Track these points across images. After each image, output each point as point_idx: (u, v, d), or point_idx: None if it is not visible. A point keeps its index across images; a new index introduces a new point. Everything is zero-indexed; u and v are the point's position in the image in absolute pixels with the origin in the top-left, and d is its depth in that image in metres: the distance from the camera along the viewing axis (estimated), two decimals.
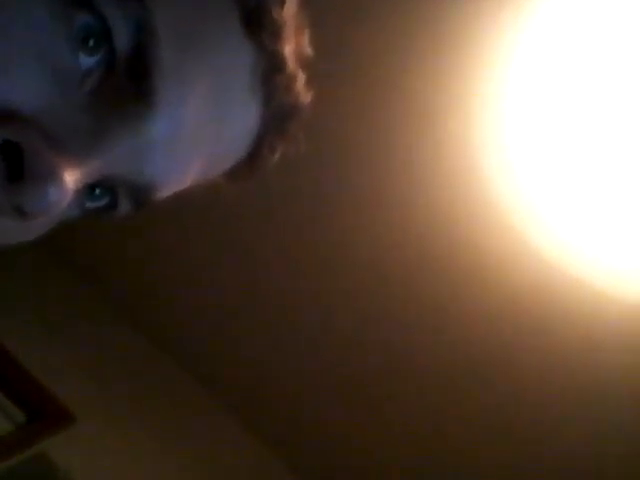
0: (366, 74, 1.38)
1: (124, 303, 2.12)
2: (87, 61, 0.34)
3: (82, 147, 0.34)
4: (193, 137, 0.38)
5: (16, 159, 0.32)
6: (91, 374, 1.96)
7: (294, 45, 0.43)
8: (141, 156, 0.36)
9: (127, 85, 0.35)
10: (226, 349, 2.05)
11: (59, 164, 0.32)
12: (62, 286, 2.05)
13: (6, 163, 0.32)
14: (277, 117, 0.44)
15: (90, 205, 0.40)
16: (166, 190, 0.40)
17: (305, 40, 0.45)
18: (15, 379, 1.85)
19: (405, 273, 1.63)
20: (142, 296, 2.10)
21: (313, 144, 0.47)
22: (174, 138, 0.37)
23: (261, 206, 1.70)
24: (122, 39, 0.35)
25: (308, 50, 0.45)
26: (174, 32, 0.36)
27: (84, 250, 2.06)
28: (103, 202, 0.40)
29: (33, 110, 0.33)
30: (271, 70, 0.41)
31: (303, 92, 0.45)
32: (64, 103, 0.34)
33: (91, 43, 0.34)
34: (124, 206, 0.40)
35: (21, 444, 1.78)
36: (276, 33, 0.41)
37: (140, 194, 0.39)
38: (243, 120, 0.42)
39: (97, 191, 0.39)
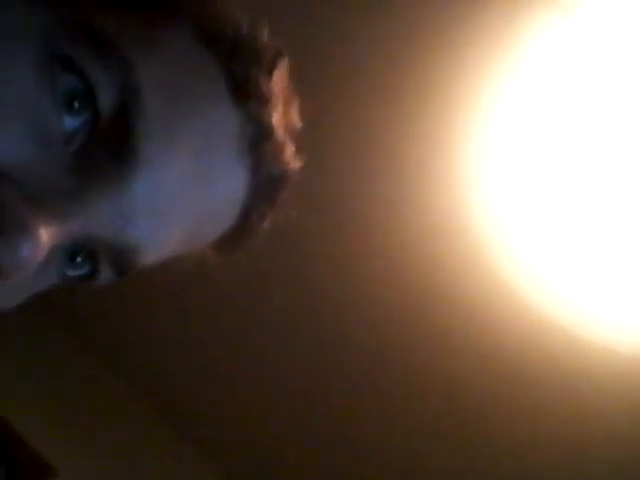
0: (348, 120, 1.38)
1: (108, 354, 2.10)
2: (71, 123, 0.34)
3: (61, 205, 0.34)
4: (176, 200, 0.38)
5: None
6: (73, 427, 1.92)
7: (283, 115, 0.43)
8: (123, 218, 0.36)
9: (110, 145, 0.35)
10: (211, 404, 2.03)
11: (35, 219, 0.32)
12: (44, 337, 2.03)
13: None
14: (266, 185, 0.43)
15: (70, 273, 0.39)
16: (149, 255, 0.39)
17: (294, 112, 0.45)
18: None
19: (390, 322, 1.62)
20: (126, 347, 2.08)
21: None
22: (157, 200, 0.37)
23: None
24: (106, 100, 0.35)
25: (297, 122, 0.45)
26: (159, 93, 0.36)
27: (67, 300, 2.05)
28: (84, 270, 0.39)
29: (13, 167, 0.33)
30: (259, 138, 0.41)
31: (292, 161, 0.44)
32: (46, 162, 0.34)
33: (76, 105, 0.34)
34: (105, 273, 0.40)
35: None
36: (264, 102, 0.41)
37: (122, 259, 0.39)
38: (230, 186, 0.41)
39: (78, 259, 0.38)
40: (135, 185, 0.35)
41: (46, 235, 0.33)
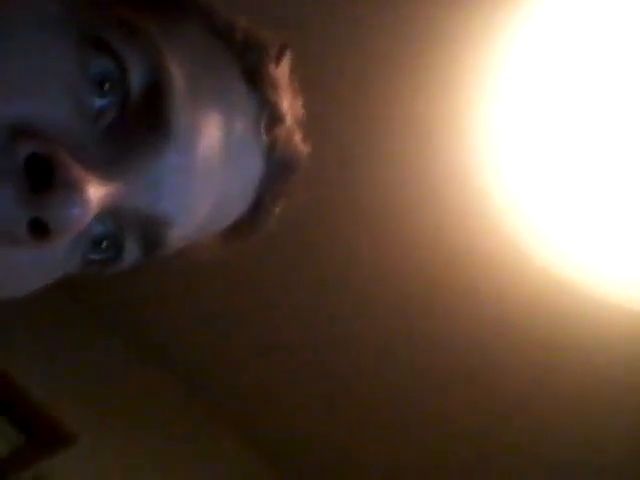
0: (357, 95, 1.39)
1: (121, 321, 2.12)
2: (101, 102, 0.36)
3: (104, 168, 0.35)
4: (204, 174, 0.39)
5: (40, 174, 0.32)
6: (91, 394, 1.95)
7: (290, 103, 0.45)
8: (157, 188, 0.37)
9: (142, 118, 0.36)
10: (227, 371, 2.05)
11: (85, 179, 0.33)
12: (59, 308, 2.05)
13: (31, 179, 0.32)
14: (279, 169, 0.45)
15: (94, 257, 0.40)
16: (178, 230, 0.40)
17: (299, 102, 0.46)
18: (13, 400, 1.85)
19: (401, 281, 1.64)
20: (139, 314, 2.10)
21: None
22: (187, 172, 0.38)
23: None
24: (137, 80, 0.36)
25: (302, 112, 0.46)
26: (183, 74, 0.38)
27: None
28: (108, 254, 0.40)
29: (56, 131, 0.34)
30: (273, 121, 0.43)
31: (301, 146, 0.46)
32: (83, 131, 0.35)
33: (107, 87, 0.36)
34: (132, 253, 0.40)
35: (19, 465, 1.78)
36: (275, 88, 0.43)
37: (153, 232, 0.39)
38: (248, 166, 0.43)
39: (104, 244, 0.39)
40: (168, 156, 0.37)
41: (95, 195, 0.33)
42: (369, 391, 1.86)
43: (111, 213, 0.37)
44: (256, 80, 0.42)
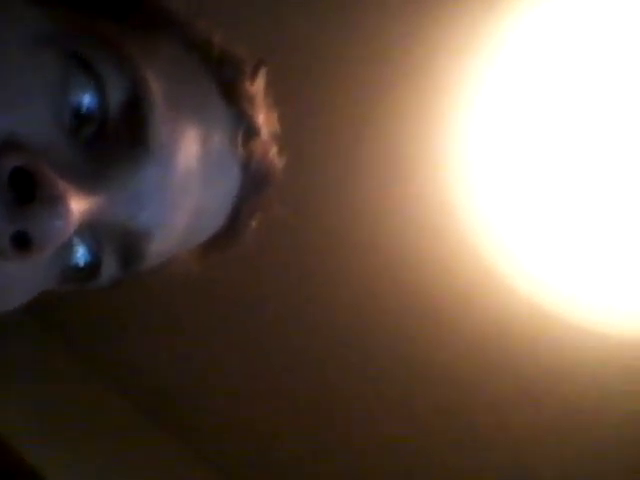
0: (331, 117, 1.40)
1: (90, 355, 2.09)
2: (79, 121, 0.36)
3: (84, 182, 0.35)
4: (183, 185, 0.40)
5: (23, 187, 0.33)
6: (59, 433, 1.92)
7: (266, 118, 0.46)
8: (137, 201, 0.38)
9: (122, 132, 0.37)
10: (200, 402, 2.03)
11: (67, 191, 0.34)
12: (27, 339, 2.02)
13: (14, 192, 0.33)
14: (255, 182, 0.46)
15: (72, 271, 0.40)
16: (157, 244, 0.41)
17: (274, 117, 0.48)
18: None
19: (376, 311, 1.64)
20: (109, 348, 2.07)
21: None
22: (167, 185, 0.39)
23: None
24: (116, 96, 0.37)
25: (277, 127, 0.48)
26: (161, 88, 0.39)
27: (47, 299, 2.04)
28: (86, 268, 0.40)
29: (39, 146, 0.34)
30: (249, 135, 0.44)
31: (276, 160, 0.47)
32: (65, 145, 0.36)
33: (83, 111, 0.36)
34: (110, 267, 0.41)
35: None
36: (251, 103, 0.45)
37: (132, 246, 0.40)
38: (226, 180, 0.44)
39: (82, 259, 0.39)
40: (148, 170, 0.37)
41: (77, 208, 0.34)
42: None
43: (91, 227, 0.37)
44: (232, 95, 0.43)
